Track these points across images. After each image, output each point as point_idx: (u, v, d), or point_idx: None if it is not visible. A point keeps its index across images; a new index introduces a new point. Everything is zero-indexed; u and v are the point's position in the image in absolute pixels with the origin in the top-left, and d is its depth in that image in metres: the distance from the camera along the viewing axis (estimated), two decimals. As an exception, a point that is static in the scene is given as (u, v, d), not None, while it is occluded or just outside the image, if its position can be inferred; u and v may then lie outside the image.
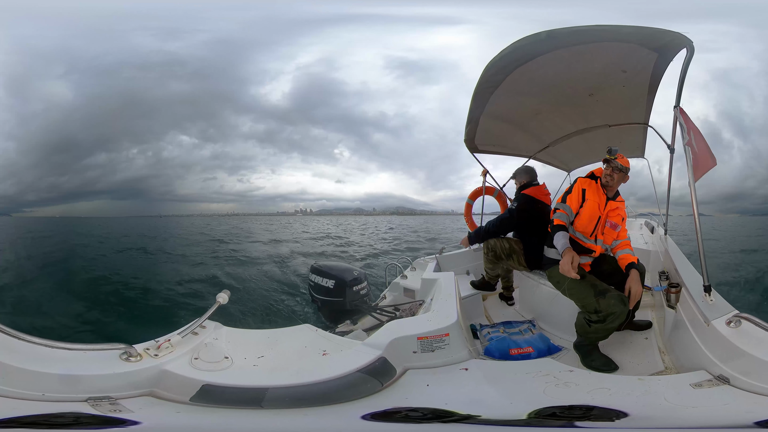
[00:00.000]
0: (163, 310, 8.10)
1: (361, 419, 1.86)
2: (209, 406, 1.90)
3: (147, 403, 1.88)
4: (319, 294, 4.44)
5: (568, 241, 3.03)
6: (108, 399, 1.83)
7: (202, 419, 1.84)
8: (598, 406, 1.92)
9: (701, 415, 1.85)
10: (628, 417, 1.80)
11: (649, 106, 4.37)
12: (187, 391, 1.92)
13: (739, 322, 2.15)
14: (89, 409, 1.76)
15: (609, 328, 2.88)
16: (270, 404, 1.91)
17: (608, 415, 1.84)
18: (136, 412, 1.80)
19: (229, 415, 1.88)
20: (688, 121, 3.06)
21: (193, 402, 1.90)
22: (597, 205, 3.19)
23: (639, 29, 2.98)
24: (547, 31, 3.10)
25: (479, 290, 4.43)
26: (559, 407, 1.92)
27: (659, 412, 1.88)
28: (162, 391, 1.94)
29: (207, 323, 2.35)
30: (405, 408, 1.95)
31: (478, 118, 4.59)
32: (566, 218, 3.18)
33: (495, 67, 3.60)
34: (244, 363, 2.16)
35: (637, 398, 1.99)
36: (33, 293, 8.93)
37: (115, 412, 1.77)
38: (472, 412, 1.89)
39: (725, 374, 2.04)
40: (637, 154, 6.39)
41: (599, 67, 3.67)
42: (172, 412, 1.86)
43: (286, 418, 1.88)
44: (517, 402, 2.05)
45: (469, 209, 6.91)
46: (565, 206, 3.20)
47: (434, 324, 2.44)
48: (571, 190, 3.26)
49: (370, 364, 2.14)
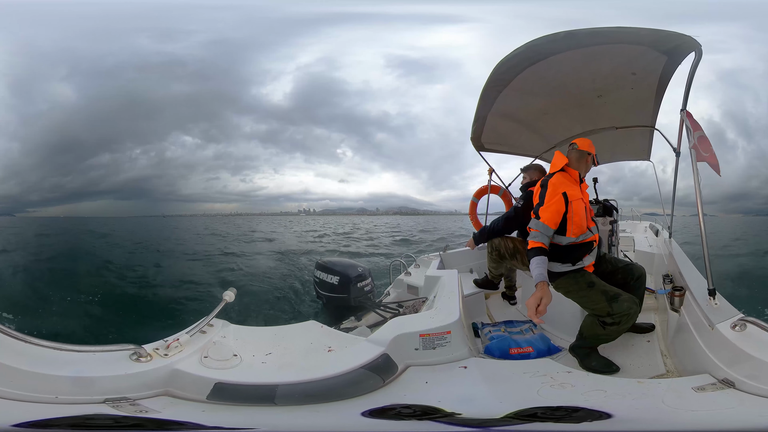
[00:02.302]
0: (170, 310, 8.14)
1: (361, 416, 1.88)
2: (226, 404, 1.92)
3: (167, 403, 1.90)
4: (324, 290, 4.46)
5: (545, 271, 2.69)
6: (127, 400, 1.84)
7: (227, 416, 1.86)
8: (586, 407, 1.91)
9: (702, 418, 1.84)
10: (612, 418, 1.80)
11: (656, 109, 4.35)
12: (201, 390, 1.94)
13: (744, 325, 2.14)
14: (111, 410, 1.77)
15: (623, 329, 2.86)
16: (282, 401, 1.94)
17: (590, 416, 1.83)
18: (162, 411, 1.81)
19: (248, 411, 1.91)
20: (694, 124, 3.04)
21: (210, 400, 1.92)
22: (581, 200, 3.04)
23: (655, 32, 2.94)
24: (566, 31, 3.06)
25: (482, 289, 4.43)
26: (543, 408, 1.91)
27: (652, 414, 1.87)
28: (177, 390, 1.96)
29: (214, 321, 2.38)
30: (399, 405, 1.97)
31: (486, 117, 4.57)
32: (544, 238, 2.81)
33: (506, 65, 3.59)
34: (252, 360, 2.19)
35: (632, 401, 1.98)
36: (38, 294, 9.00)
37: (141, 412, 1.79)
38: (458, 410, 1.89)
39: (730, 378, 2.03)
40: (643, 157, 6.36)
41: (609, 68, 3.65)
42: (197, 410, 1.87)
43: (300, 414, 1.91)
44: (507, 402, 2.04)
45: (474, 208, 6.90)
46: (540, 224, 2.84)
47: (436, 321, 2.45)
48: (543, 201, 2.91)
49: (373, 361, 2.16)
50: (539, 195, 2.99)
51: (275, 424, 1.87)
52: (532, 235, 2.84)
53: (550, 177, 3.07)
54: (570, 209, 2.93)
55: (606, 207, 4.62)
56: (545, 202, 2.91)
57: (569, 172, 3.11)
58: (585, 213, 3.06)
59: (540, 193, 2.99)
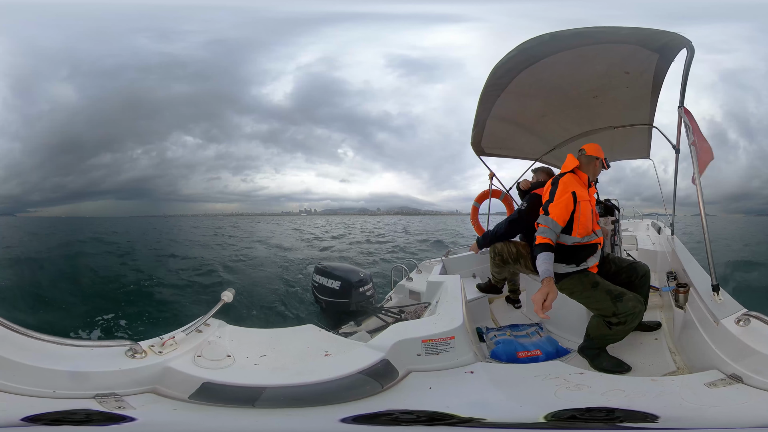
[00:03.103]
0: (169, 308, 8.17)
1: (339, 422, 1.85)
2: (205, 404, 1.91)
3: (148, 400, 1.91)
4: (323, 295, 4.44)
5: (551, 267, 2.70)
6: (114, 396, 1.86)
7: (196, 417, 1.86)
8: (619, 408, 1.89)
9: (724, 414, 1.83)
10: (659, 419, 1.78)
11: (653, 107, 4.36)
12: (187, 389, 1.94)
13: (748, 320, 2.14)
14: (97, 405, 1.80)
15: (629, 328, 2.85)
16: (263, 404, 1.92)
17: (636, 417, 1.81)
18: (137, 408, 1.83)
19: (222, 413, 1.90)
20: (692, 120, 3.06)
21: (192, 399, 1.92)
22: (588, 201, 3.08)
23: (638, 30, 2.98)
24: (550, 33, 3.11)
25: (485, 293, 4.41)
26: (577, 409, 1.89)
27: (683, 413, 1.85)
28: (164, 388, 1.97)
29: (211, 321, 2.37)
30: (398, 410, 1.93)
31: (485, 121, 4.60)
32: (552, 234, 2.83)
33: (501, 69, 3.62)
34: (245, 362, 2.18)
35: (652, 399, 1.97)
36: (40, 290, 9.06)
37: (119, 408, 1.81)
38: (476, 414, 1.87)
39: (737, 373, 2.02)
40: (642, 155, 6.37)
41: (602, 68, 3.68)
42: (169, 409, 1.88)
43: (274, 419, 1.90)
44: (527, 405, 2.02)
45: (475, 212, 6.90)
46: (549, 220, 2.86)
47: (439, 327, 2.42)
48: (553, 198, 2.94)
49: (371, 366, 2.13)
50: (549, 192, 3.01)
51: (242, 427, 1.86)
52: (540, 231, 2.84)
53: (561, 176, 3.10)
54: (577, 209, 2.96)
55: (608, 207, 4.62)
56: (555, 198, 2.93)
57: (579, 174, 3.14)
58: (591, 215, 3.08)
59: (550, 191, 3.01)
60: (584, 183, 3.13)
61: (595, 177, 3.23)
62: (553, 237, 2.83)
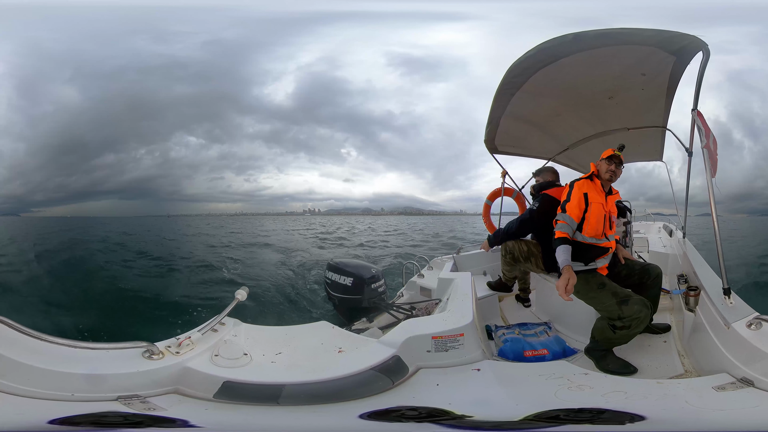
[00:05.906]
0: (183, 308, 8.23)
1: (358, 418, 1.87)
2: (232, 403, 1.94)
3: (174, 401, 1.92)
4: (336, 291, 4.46)
5: (569, 257, 2.97)
6: (138, 397, 1.86)
7: (229, 416, 1.88)
8: (610, 409, 1.90)
9: (730, 418, 1.84)
10: (645, 420, 1.78)
11: (667, 109, 4.33)
12: (209, 388, 1.96)
13: (760, 324, 2.14)
14: (122, 407, 1.79)
15: (634, 333, 2.86)
16: (286, 401, 1.95)
17: (621, 418, 1.81)
18: (168, 409, 1.84)
19: (250, 411, 1.92)
20: (705, 124, 3.05)
21: (217, 399, 1.94)
22: (601, 205, 3.19)
23: (659, 32, 2.98)
24: (574, 33, 3.12)
25: (496, 291, 4.43)
26: (564, 410, 1.90)
27: (680, 415, 1.86)
28: (186, 388, 1.99)
29: (226, 320, 2.40)
30: (405, 407, 1.96)
31: (499, 119, 4.60)
32: (569, 229, 3.09)
33: (518, 68, 3.63)
34: (262, 360, 2.21)
35: (654, 402, 1.97)
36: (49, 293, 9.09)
37: (150, 410, 1.81)
38: (471, 412, 1.89)
39: (749, 377, 2.03)
40: (655, 158, 6.33)
41: (619, 69, 3.66)
42: (201, 408, 1.90)
43: (299, 415, 1.93)
44: (524, 404, 2.02)
45: (487, 210, 6.89)
46: (566, 216, 3.12)
47: (449, 324, 2.45)
48: (569, 197, 3.19)
49: (383, 362, 2.16)
50: (566, 193, 3.25)
51: (273, 424, 1.89)
52: (559, 226, 3.12)
53: (578, 179, 3.31)
54: (589, 209, 3.15)
55: (619, 208, 4.60)
56: (570, 198, 3.18)
57: (596, 181, 3.27)
58: (603, 219, 3.18)
59: (567, 192, 3.25)
60: (600, 189, 3.26)
61: (607, 178, 3.26)
62: (570, 232, 3.09)
